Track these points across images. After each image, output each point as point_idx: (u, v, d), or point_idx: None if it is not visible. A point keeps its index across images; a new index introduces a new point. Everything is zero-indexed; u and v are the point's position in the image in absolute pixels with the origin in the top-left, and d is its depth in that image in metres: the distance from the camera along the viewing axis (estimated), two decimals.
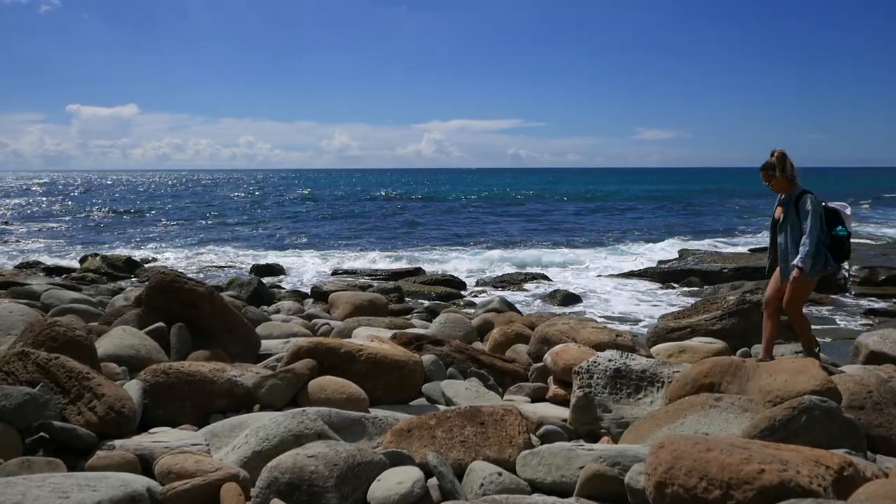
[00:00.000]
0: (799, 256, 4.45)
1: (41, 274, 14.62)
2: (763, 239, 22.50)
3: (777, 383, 3.60)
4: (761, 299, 7.00)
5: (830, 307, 11.18)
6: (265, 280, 12.98)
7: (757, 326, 6.78)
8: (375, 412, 3.97)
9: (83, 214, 37.37)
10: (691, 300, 10.98)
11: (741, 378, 3.79)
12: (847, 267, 13.74)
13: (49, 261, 17.56)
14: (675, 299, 12.22)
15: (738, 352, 6.05)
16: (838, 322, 10.09)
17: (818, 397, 3.11)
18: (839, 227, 4.57)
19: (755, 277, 12.62)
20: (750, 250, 18.31)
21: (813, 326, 7.65)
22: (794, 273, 4.47)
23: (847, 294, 12.24)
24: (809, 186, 4.70)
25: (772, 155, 4.70)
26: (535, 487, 2.98)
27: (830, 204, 4.68)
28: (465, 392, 4.63)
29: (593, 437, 3.96)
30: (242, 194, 58.48)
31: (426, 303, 11.16)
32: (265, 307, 9.35)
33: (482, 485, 2.90)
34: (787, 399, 3.33)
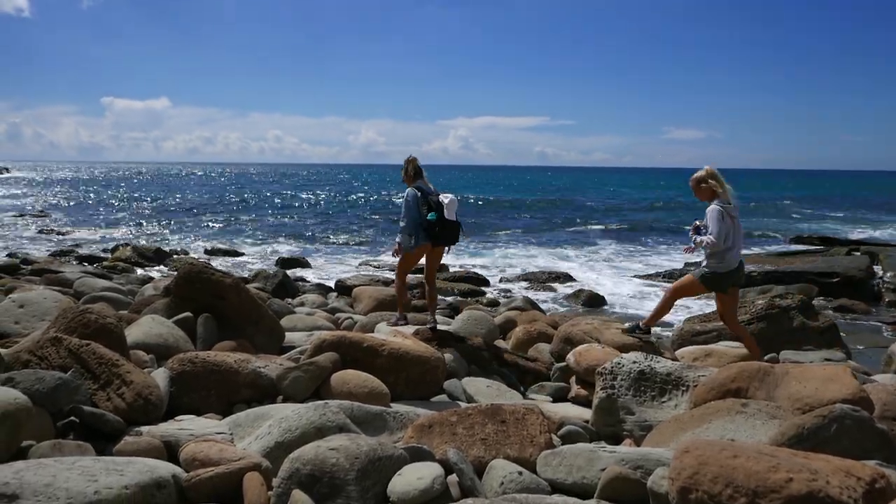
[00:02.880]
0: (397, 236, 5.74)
1: (74, 262, 15.00)
2: (794, 245, 22.01)
3: (807, 391, 3.52)
4: (791, 304, 6.87)
5: (863, 315, 10.89)
6: (291, 273, 13.13)
7: (787, 332, 6.66)
8: (397, 407, 3.98)
9: (117, 205, 38.23)
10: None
11: (769, 384, 3.71)
12: (881, 274, 13.39)
13: (82, 249, 18.01)
14: (702, 302, 12.03)
15: (766, 357, 5.93)
16: (871, 330, 9.83)
17: (850, 406, 3.02)
18: (430, 214, 5.53)
19: (785, 282, 12.36)
20: (779, 254, 17.94)
21: (845, 334, 7.48)
22: (395, 247, 5.78)
23: (881, 302, 11.91)
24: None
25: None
26: (556, 488, 2.96)
27: (441, 196, 5.66)
28: (486, 389, 4.62)
29: (615, 440, 3.92)
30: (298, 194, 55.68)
31: (449, 299, 11.16)
32: (290, 300, 9.45)
33: (502, 483, 2.89)
34: (817, 407, 3.24)
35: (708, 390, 3.80)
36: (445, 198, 5.61)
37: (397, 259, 5.95)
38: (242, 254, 18.66)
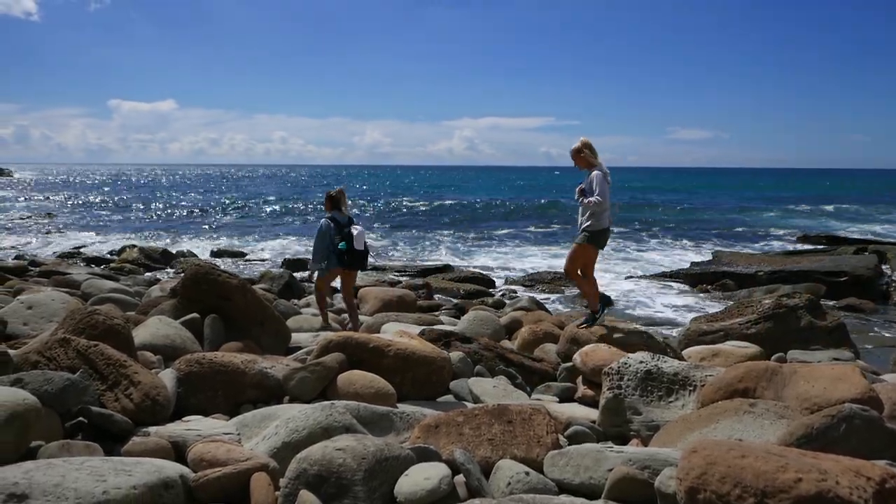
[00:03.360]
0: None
1: (81, 263, 15.08)
2: (801, 244, 21.91)
3: (815, 390, 3.50)
4: (798, 304, 6.84)
5: (872, 314, 10.83)
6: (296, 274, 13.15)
7: (794, 331, 6.63)
8: (403, 407, 3.98)
9: (124, 206, 38.41)
10: (724, 303, 10.76)
11: (777, 384, 3.69)
12: (889, 273, 13.31)
13: (89, 251, 18.10)
14: (708, 302, 12.00)
15: (774, 357, 5.90)
16: (879, 330, 9.77)
17: (859, 406, 3.01)
18: (341, 244, 6.43)
19: (791, 281, 12.30)
20: (786, 253, 17.85)
21: (854, 334, 7.44)
22: (309, 273, 7.17)
23: (889, 301, 11.84)
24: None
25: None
26: (563, 488, 2.95)
27: (352, 227, 6.55)
28: (492, 390, 4.62)
29: (622, 440, 3.91)
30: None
31: (455, 300, 11.16)
32: (296, 301, 9.47)
33: (509, 483, 2.88)
34: (825, 407, 3.23)
35: (715, 390, 3.79)
36: (355, 230, 6.51)
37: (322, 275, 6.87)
38: (248, 255, 18.71)
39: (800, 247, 20.28)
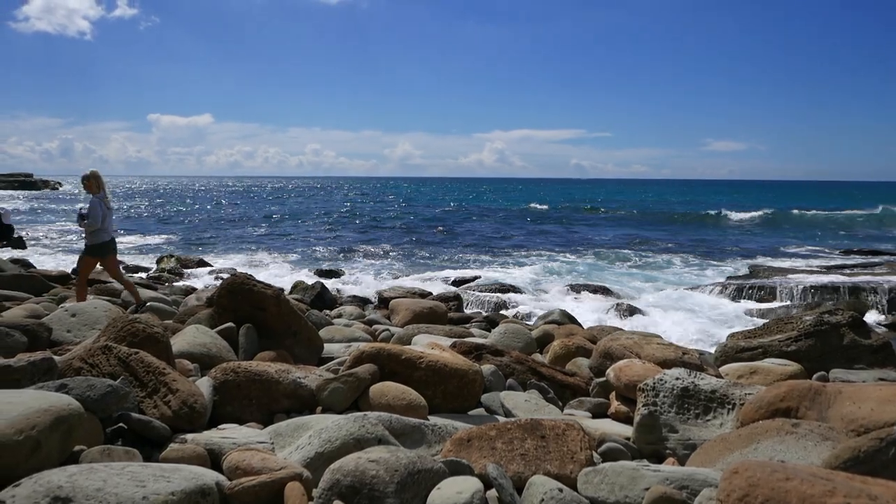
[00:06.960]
0: None
1: (122, 272, 15.50)
2: (841, 258, 21.25)
3: (862, 412, 3.37)
4: (841, 321, 6.61)
5: None
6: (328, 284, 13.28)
7: (837, 349, 6.41)
8: (434, 420, 3.97)
9: (162, 216, 39.42)
10: (763, 319, 10.48)
11: (821, 404, 3.57)
12: None
13: (128, 260, 18.60)
14: (745, 317, 11.70)
15: (815, 375, 5.72)
16: None
17: None
18: None
19: (833, 297, 11.94)
20: (827, 267, 17.33)
21: None
22: None
23: None
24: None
25: None
26: None
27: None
28: (524, 404, 4.58)
29: (657, 458, 3.83)
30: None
31: (485, 312, 11.11)
32: (328, 311, 9.57)
33: (542, 500, 2.84)
34: (873, 429, 3.11)
35: (756, 409, 3.69)
36: (3, 211, 8.44)
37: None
38: (277, 264, 18.98)
39: (841, 262, 19.66)
